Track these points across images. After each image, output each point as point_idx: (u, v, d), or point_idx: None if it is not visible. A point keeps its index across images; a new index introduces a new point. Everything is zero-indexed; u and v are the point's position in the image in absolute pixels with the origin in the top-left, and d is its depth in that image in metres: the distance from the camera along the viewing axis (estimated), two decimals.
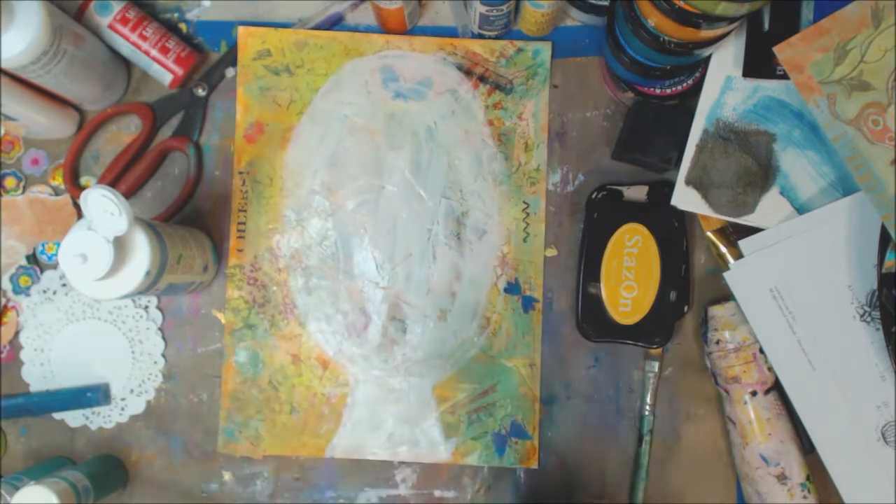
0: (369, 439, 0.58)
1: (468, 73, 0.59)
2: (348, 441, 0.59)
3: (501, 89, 0.59)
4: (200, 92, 0.60)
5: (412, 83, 0.59)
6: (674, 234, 0.56)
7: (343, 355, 0.59)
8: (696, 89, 0.56)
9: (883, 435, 0.53)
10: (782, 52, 0.51)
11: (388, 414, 0.59)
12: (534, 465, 0.58)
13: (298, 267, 0.59)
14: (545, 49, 0.59)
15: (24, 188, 0.60)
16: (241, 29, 0.59)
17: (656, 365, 0.57)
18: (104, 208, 0.45)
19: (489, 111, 0.59)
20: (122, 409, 0.59)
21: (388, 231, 0.59)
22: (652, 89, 0.57)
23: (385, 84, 0.59)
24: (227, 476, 0.59)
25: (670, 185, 0.56)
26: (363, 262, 0.59)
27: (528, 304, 0.59)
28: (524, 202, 0.59)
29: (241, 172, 0.59)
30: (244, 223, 0.59)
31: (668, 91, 0.56)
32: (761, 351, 0.55)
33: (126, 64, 0.60)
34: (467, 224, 0.59)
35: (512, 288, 0.59)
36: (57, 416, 0.59)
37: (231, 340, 0.59)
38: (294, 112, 0.59)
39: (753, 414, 0.54)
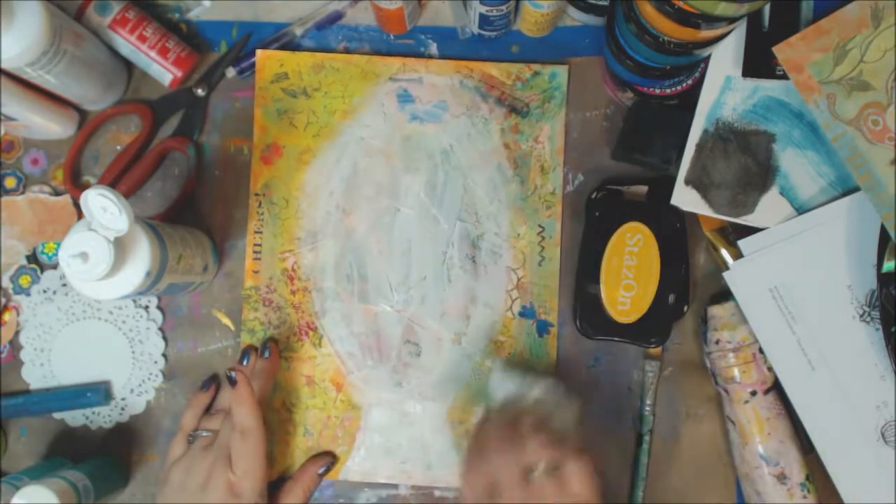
0: (383, 463, 0.58)
1: (484, 96, 0.59)
2: (362, 464, 0.58)
3: (518, 112, 0.59)
4: (200, 92, 0.60)
5: (428, 106, 0.59)
6: (675, 233, 0.56)
7: (357, 378, 0.59)
8: (696, 89, 0.56)
9: (883, 435, 0.53)
10: (782, 52, 0.51)
11: (403, 437, 0.58)
12: None
13: (313, 289, 0.59)
14: (562, 72, 0.59)
15: (24, 188, 0.60)
16: (258, 52, 0.59)
17: (656, 365, 0.57)
18: (104, 208, 0.45)
19: (505, 134, 0.59)
20: (122, 409, 0.59)
21: (402, 253, 0.59)
22: (652, 89, 0.57)
23: (401, 106, 0.59)
24: None
25: (670, 185, 0.56)
26: (378, 285, 0.59)
27: (542, 328, 0.58)
28: (539, 226, 0.59)
29: (257, 194, 0.59)
30: (260, 245, 0.59)
31: (668, 91, 0.56)
32: (761, 351, 0.55)
33: (126, 64, 0.60)
34: (482, 247, 0.59)
35: (527, 312, 0.59)
36: (57, 416, 0.59)
37: None
38: (310, 134, 0.60)
39: (753, 414, 0.54)
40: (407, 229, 0.59)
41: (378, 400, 0.59)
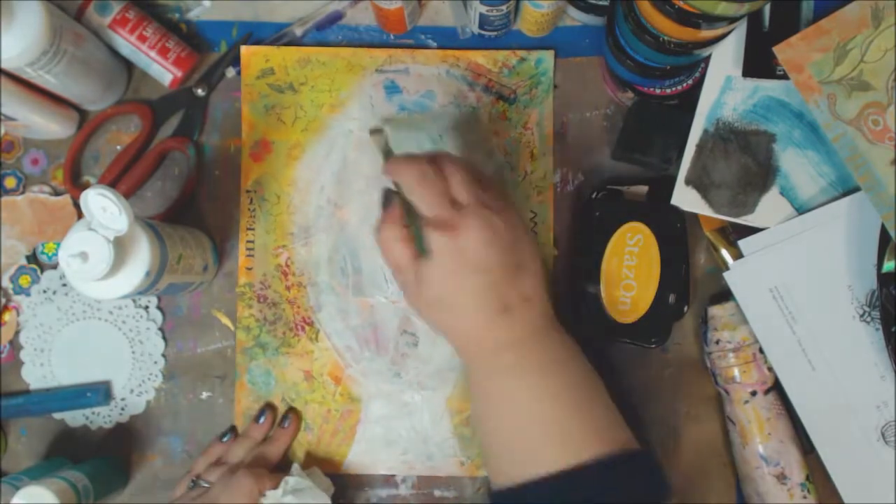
0: (384, 454, 0.58)
1: (471, 84, 0.59)
2: (363, 457, 0.58)
3: (505, 99, 0.59)
4: (200, 92, 0.60)
5: (416, 96, 0.59)
6: (675, 233, 0.56)
7: (355, 371, 0.59)
8: (696, 89, 0.56)
9: (883, 435, 0.53)
10: (782, 52, 0.51)
11: (402, 428, 0.58)
12: None
13: (308, 283, 0.59)
14: (548, 57, 0.59)
15: (24, 188, 0.60)
16: (243, 49, 0.59)
17: None
18: (104, 208, 0.45)
19: (494, 121, 0.59)
20: (122, 409, 0.59)
21: None
22: (652, 89, 0.57)
23: (389, 98, 0.59)
24: None
25: (671, 185, 0.56)
26: (372, 277, 0.59)
27: None
28: (532, 211, 0.59)
29: (248, 191, 0.59)
30: (253, 241, 0.59)
31: (668, 91, 0.56)
32: (761, 351, 0.55)
33: (126, 64, 0.60)
34: None
35: None
36: (57, 416, 0.59)
37: (243, 359, 0.59)
38: (299, 129, 0.59)
39: (753, 414, 0.54)
40: None
41: (377, 392, 0.59)
